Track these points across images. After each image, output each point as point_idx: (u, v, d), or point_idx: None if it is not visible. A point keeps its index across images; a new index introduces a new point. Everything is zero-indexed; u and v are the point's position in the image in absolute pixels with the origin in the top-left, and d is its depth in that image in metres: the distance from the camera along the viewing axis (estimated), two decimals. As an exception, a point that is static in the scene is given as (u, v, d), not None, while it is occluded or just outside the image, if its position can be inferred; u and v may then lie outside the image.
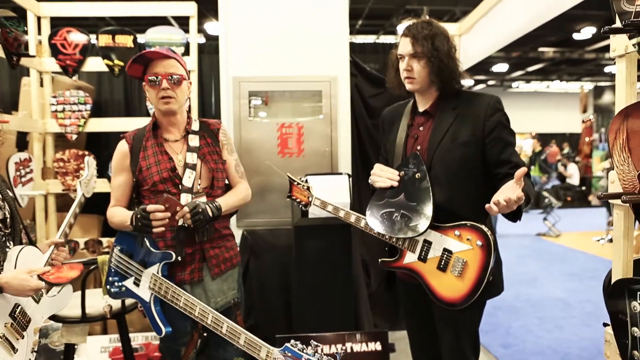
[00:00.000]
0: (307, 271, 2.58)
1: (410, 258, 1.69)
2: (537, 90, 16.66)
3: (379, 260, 1.78)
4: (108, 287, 1.76)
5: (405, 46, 1.69)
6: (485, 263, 1.56)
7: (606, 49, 10.06)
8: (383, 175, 1.73)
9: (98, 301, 2.07)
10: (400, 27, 1.80)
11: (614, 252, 1.35)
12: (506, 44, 3.33)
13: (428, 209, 1.61)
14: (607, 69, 12.55)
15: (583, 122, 12.38)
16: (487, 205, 1.44)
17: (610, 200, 1.33)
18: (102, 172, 2.96)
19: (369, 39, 8.84)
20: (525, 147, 14.71)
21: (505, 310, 4.17)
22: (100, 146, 3.45)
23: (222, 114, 3.16)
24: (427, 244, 1.66)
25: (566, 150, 14.11)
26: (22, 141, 3.22)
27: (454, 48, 1.69)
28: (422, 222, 1.62)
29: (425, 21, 1.70)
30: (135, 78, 1.81)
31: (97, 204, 2.42)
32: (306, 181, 2.05)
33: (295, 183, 2.06)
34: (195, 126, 1.86)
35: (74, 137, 3.06)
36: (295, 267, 2.62)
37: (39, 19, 3.07)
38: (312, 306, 2.62)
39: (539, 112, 16.60)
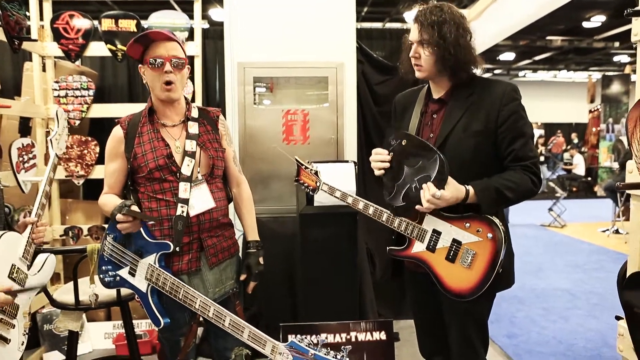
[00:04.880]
0: (312, 259, 2.55)
1: (418, 247, 1.66)
2: (543, 80, 16.49)
3: (387, 248, 1.75)
4: (101, 276, 1.70)
5: (413, 32, 1.65)
6: (495, 256, 1.53)
7: (616, 37, 9.90)
8: (377, 160, 1.68)
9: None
10: (407, 15, 1.76)
11: (630, 244, 1.31)
12: (515, 31, 3.27)
13: (435, 161, 1.53)
14: (615, 59, 12.39)
15: (590, 112, 12.23)
16: (417, 207, 1.55)
17: (628, 191, 1.29)
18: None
19: (375, 26, 8.73)
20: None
21: (510, 300, 4.15)
22: (104, 132, 3.42)
23: (227, 101, 3.12)
24: (436, 233, 1.63)
25: (575, 140, 13.98)
26: (25, 127, 3.20)
27: (468, 35, 1.61)
28: (440, 175, 1.52)
29: (436, 6, 1.63)
30: (133, 59, 1.76)
31: (100, 190, 2.39)
32: (314, 166, 2.01)
33: (304, 167, 2.03)
34: (195, 113, 1.81)
35: (77, 122, 3.03)
36: (300, 255, 2.60)
37: (40, 2, 3.02)
38: (317, 294, 2.61)
39: (545, 101, 16.43)
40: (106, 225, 3.09)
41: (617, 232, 6.95)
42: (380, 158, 1.67)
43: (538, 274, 5.05)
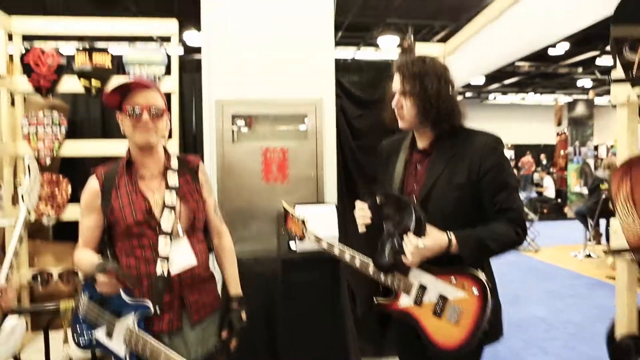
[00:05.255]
0: (294, 305, 2.50)
1: (405, 301, 1.64)
2: (512, 102, 17.00)
3: (374, 300, 1.71)
4: (76, 336, 1.59)
5: (395, 83, 1.66)
6: (482, 312, 1.51)
7: (579, 64, 10.31)
8: (359, 215, 1.67)
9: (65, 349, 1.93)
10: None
11: (618, 304, 1.31)
12: (489, 71, 3.34)
13: (411, 213, 1.52)
14: (579, 83, 12.87)
15: (558, 135, 12.63)
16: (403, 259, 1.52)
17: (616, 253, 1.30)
18: (78, 196, 2.82)
19: (350, 51, 8.84)
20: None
21: (490, 331, 4.15)
22: (76, 168, 3.30)
23: (205, 138, 3.07)
24: (423, 287, 1.60)
25: (544, 161, 14.38)
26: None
27: (450, 87, 1.63)
28: (417, 224, 1.52)
29: (419, 57, 1.65)
30: (111, 109, 1.70)
31: (72, 230, 2.29)
32: (300, 214, 1.98)
33: (290, 215, 1.98)
34: (174, 163, 1.75)
35: (48, 160, 2.91)
36: (282, 300, 2.53)
37: (10, 34, 2.93)
38: (298, 339, 2.54)
39: (514, 123, 16.96)
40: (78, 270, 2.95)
41: (588, 256, 7.11)
42: (362, 214, 1.65)
43: (516, 302, 5.08)
